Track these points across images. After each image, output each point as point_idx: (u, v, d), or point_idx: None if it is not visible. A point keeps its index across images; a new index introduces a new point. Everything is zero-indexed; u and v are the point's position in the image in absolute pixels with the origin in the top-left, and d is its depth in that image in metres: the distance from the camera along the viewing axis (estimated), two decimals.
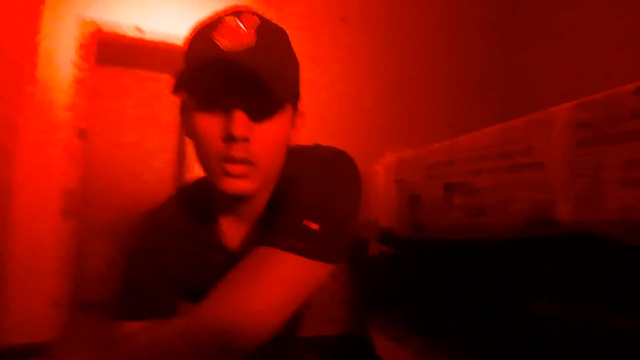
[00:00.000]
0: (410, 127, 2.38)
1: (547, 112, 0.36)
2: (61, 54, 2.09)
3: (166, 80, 3.26)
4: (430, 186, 0.52)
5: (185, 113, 0.51)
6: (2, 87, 1.67)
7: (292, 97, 0.49)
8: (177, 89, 0.44)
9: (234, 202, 0.54)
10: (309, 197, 0.45)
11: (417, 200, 0.55)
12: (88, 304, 2.66)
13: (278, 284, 0.40)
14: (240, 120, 0.43)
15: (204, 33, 0.44)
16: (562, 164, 0.34)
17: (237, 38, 0.42)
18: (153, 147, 3.30)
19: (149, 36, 2.25)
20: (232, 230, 0.56)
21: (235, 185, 0.45)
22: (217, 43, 0.42)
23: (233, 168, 0.44)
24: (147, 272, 0.53)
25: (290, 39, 0.51)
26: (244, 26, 0.43)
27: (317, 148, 0.55)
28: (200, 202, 0.58)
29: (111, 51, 2.73)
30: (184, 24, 2.20)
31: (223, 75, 0.42)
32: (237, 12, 0.44)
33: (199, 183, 0.61)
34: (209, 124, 0.45)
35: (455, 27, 2.90)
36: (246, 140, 0.44)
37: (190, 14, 2.39)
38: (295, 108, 0.52)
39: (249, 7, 0.45)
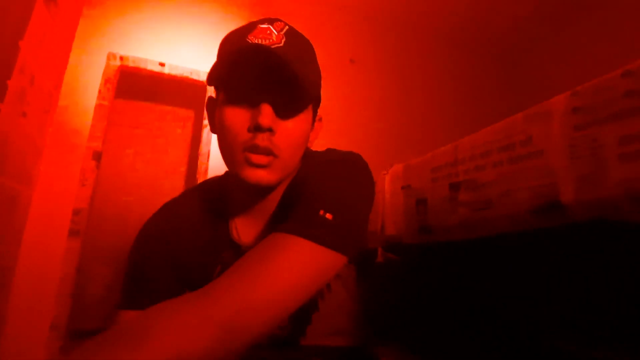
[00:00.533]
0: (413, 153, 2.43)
1: (544, 104, 0.38)
2: (85, 83, 2.22)
3: (179, 114, 3.41)
4: (436, 188, 0.53)
5: (212, 109, 0.55)
6: (31, 112, 1.76)
7: (315, 99, 0.53)
8: (210, 82, 0.48)
9: (249, 198, 0.56)
10: (324, 189, 0.47)
11: (424, 204, 0.56)
12: (85, 332, 2.58)
13: (290, 268, 0.40)
14: (267, 112, 0.46)
15: (238, 34, 0.49)
16: (562, 149, 0.35)
17: (268, 38, 0.46)
18: (162, 176, 3.37)
19: (169, 71, 2.39)
20: (244, 227, 0.58)
21: (257, 175, 0.48)
22: (250, 41, 0.46)
23: (256, 157, 0.47)
24: (155, 260, 0.54)
25: None
26: (275, 30, 0.47)
27: (330, 150, 0.58)
28: (213, 199, 0.59)
29: (131, 86, 2.89)
30: (202, 61, 2.36)
31: (253, 70, 0.46)
32: (269, 19, 0.49)
33: (211, 182, 0.63)
34: (237, 116, 0.48)
35: (457, 62, 3.04)
36: (271, 131, 0.47)
37: (208, 52, 2.56)
38: (315, 111, 0.55)
39: (279, 18, 0.50)
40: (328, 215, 0.44)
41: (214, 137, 2.20)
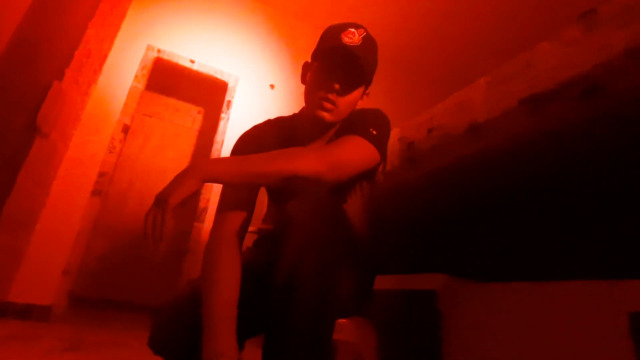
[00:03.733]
0: None
1: (476, 81, 0.79)
2: (124, 67, 2.58)
3: (191, 110, 3.76)
4: (420, 133, 0.93)
5: (306, 69, 0.93)
6: (82, 81, 2.10)
7: (368, 81, 0.91)
8: (313, 56, 0.86)
9: (315, 130, 0.92)
10: (370, 119, 0.85)
11: (412, 144, 0.95)
12: (79, 299, 2.74)
13: (355, 148, 0.78)
14: (337, 87, 0.83)
15: (335, 31, 0.86)
16: (483, 99, 0.76)
17: (352, 38, 0.84)
18: (166, 164, 3.65)
19: (198, 68, 2.78)
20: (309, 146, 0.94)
21: (324, 114, 0.86)
22: (341, 39, 0.84)
23: (327, 105, 0.85)
24: (249, 148, 0.89)
25: None
26: (357, 33, 0.85)
27: (364, 108, 0.97)
28: (287, 127, 0.96)
29: (151, 77, 3.25)
30: (228, 62, 2.77)
31: (337, 57, 0.83)
32: (354, 25, 0.87)
33: (284, 118, 1.00)
34: (321, 80, 0.85)
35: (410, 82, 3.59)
36: (338, 92, 0.84)
37: (234, 56, 2.99)
38: (367, 87, 0.93)
39: (361, 24, 0.88)
40: (374, 131, 0.82)
41: (228, 128, 2.60)
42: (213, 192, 2.64)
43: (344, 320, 1.03)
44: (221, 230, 0.77)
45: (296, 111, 1.03)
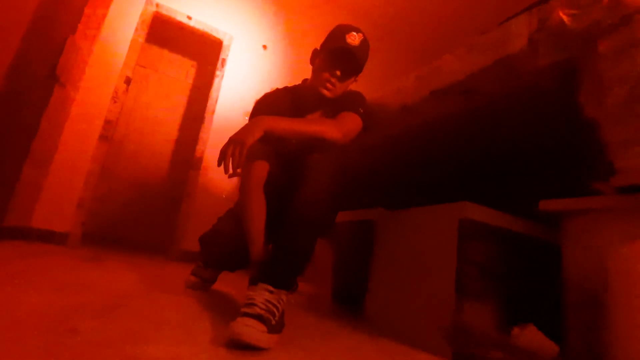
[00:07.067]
0: None
1: (406, 76, 1.14)
2: (122, 22, 2.78)
3: (185, 63, 3.96)
4: (373, 107, 1.29)
5: (315, 55, 1.26)
6: (89, 34, 2.32)
7: (358, 72, 1.24)
8: (321, 47, 1.19)
9: (317, 102, 1.26)
10: (358, 100, 1.21)
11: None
12: (84, 234, 3.12)
13: (351, 122, 1.15)
14: (338, 74, 1.17)
15: (340, 31, 1.20)
16: (413, 82, 1.12)
17: (353, 40, 1.17)
18: (160, 114, 3.92)
19: (195, 24, 2.98)
20: (312, 116, 1.29)
21: (326, 92, 1.21)
22: (345, 39, 1.17)
23: (329, 85, 1.20)
24: (269, 110, 1.23)
25: None
26: (357, 36, 1.18)
27: (354, 90, 1.31)
28: (295, 95, 1.31)
29: (152, 33, 3.41)
30: (223, 20, 3.01)
31: (340, 54, 1.16)
32: (356, 29, 1.19)
33: (293, 86, 1.34)
34: (326, 67, 1.19)
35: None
36: (339, 78, 1.18)
37: (227, 13, 3.18)
38: (357, 76, 1.26)
39: (360, 29, 1.19)
40: (361, 110, 1.18)
41: (223, 85, 2.92)
42: (207, 145, 2.97)
43: None
44: (252, 175, 1.09)
45: (286, 72, 1.37)
